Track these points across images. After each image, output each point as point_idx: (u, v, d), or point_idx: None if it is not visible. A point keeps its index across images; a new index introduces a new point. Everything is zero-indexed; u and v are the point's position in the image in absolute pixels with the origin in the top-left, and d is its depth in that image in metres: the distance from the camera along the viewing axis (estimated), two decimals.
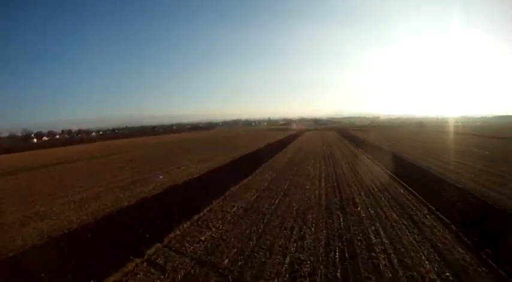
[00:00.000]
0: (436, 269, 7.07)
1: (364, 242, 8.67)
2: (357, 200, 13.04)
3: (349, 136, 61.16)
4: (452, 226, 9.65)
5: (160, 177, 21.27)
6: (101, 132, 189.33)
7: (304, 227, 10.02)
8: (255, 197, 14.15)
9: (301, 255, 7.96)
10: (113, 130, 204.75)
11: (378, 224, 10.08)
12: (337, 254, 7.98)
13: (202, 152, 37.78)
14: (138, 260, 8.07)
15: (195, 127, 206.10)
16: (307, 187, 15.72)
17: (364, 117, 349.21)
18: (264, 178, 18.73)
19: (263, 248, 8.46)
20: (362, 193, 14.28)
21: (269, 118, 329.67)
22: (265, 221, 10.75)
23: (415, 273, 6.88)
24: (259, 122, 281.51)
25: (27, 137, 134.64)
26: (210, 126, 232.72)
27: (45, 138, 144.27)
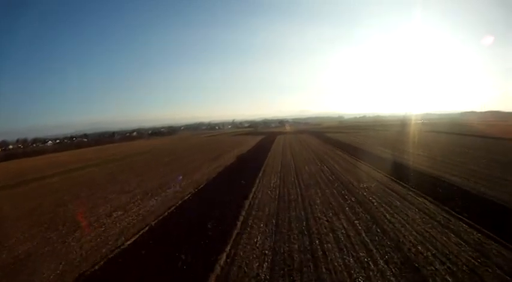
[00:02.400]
0: None
1: None
2: None
3: (334, 142, 52.57)
4: None
5: None
6: (57, 140, 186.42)
7: None
8: None
9: None
10: (71, 138, 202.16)
11: None
12: None
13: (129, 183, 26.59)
14: None
15: (156, 132, 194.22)
16: None
17: (329, 117, 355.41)
18: None
19: None
20: None
21: (233, 120, 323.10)
22: None
23: None
24: (223, 125, 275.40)
25: None
26: (171, 131, 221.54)
27: None
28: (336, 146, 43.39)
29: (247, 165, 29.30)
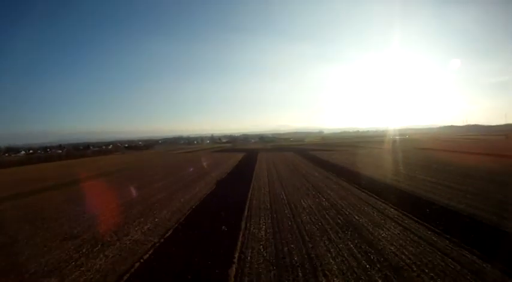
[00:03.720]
0: None
1: None
2: None
3: (325, 164, 48.68)
4: None
5: None
6: (31, 151, 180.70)
7: None
8: None
9: None
10: (46, 148, 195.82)
11: None
12: None
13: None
14: None
15: (133, 146, 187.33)
16: None
17: (309, 133, 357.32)
18: None
19: None
20: None
21: (212, 135, 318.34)
22: None
23: None
24: (201, 139, 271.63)
25: None
26: (148, 144, 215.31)
27: None
28: (330, 170, 39.15)
29: (227, 199, 24.26)
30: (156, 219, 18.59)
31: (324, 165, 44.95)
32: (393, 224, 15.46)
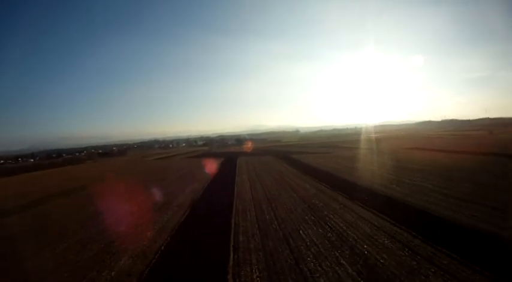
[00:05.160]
0: None
1: None
2: None
3: (312, 171, 44.99)
4: None
5: None
6: (1, 161, 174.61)
7: None
8: None
9: None
10: (16, 158, 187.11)
11: None
12: None
13: None
14: None
15: (106, 153, 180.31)
16: None
17: (285, 132, 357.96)
18: None
19: None
20: None
21: (188, 138, 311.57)
22: None
23: None
24: (177, 142, 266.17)
25: None
26: (122, 150, 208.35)
27: None
28: (321, 180, 35.39)
29: (203, 233, 19.73)
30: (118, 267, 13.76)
31: (312, 173, 41.09)
32: None
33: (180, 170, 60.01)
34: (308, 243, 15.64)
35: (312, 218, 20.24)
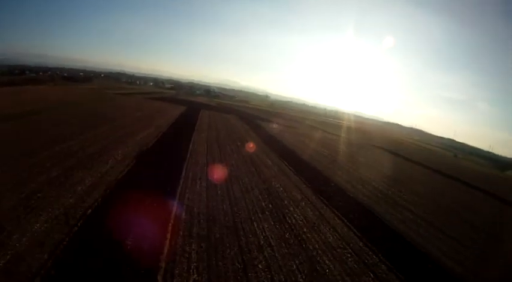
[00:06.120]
0: None
1: None
2: None
3: (281, 150, 42.65)
4: None
5: None
6: None
7: None
8: None
9: None
10: None
11: None
12: None
13: None
14: None
15: (71, 78, 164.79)
16: None
17: (255, 95, 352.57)
18: None
19: None
20: None
21: (156, 78, 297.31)
22: None
23: None
24: (145, 81, 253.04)
25: None
26: (87, 78, 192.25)
27: None
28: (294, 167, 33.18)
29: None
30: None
31: (280, 151, 38.77)
32: None
33: (136, 111, 54.29)
34: (261, 243, 13.28)
35: (274, 212, 17.91)
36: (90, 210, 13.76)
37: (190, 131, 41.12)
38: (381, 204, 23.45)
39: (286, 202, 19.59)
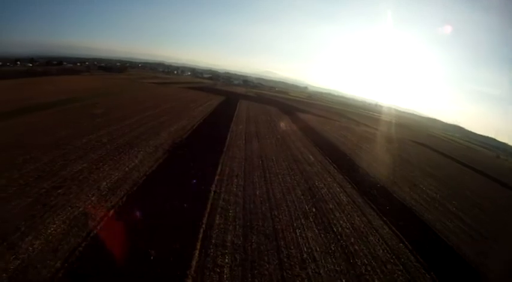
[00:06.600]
0: None
1: None
2: None
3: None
4: None
5: None
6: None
7: None
8: None
9: None
10: (15, 61, 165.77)
11: None
12: None
13: None
14: None
15: (107, 67, 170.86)
16: None
17: (293, 86, 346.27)
18: None
19: None
20: None
21: (194, 68, 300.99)
22: None
23: None
24: (182, 70, 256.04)
25: None
26: (125, 67, 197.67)
27: None
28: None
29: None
30: None
31: (327, 149, 36.00)
32: None
33: (172, 101, 53.32)
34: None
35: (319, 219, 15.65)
36: (112, 211, 12.48)
37: (227, 122, 39.70)
38: (431, 210, 20.99)
39: (331, 205, 17.50)
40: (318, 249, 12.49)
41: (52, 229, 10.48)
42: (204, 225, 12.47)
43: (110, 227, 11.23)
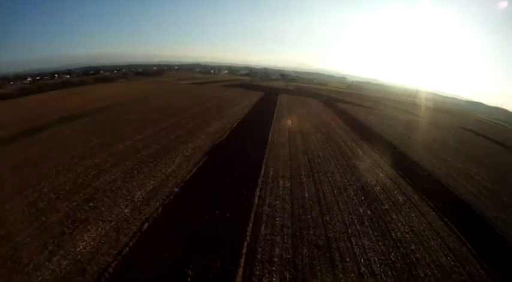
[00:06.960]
0: None
1: None
2: None
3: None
4: None
5: None
6: (38, 77, 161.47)
7: None
8: None
9: None
10: (53, 74, 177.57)
11: None
12: None
13: None
14: None
15: (144, 72, 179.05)
16: None
17: (331, 76, 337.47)
18: None
19: None
20: None
21: (231, 66, 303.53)
22: None
23: None
24: (219, 69, 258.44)
25: None
26: (162, 70, 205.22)
27: None
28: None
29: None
30: None
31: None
32: None
33: (209, 100, 53.19)
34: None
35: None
36: (146, 225, 11.76)
37: (269, 118, 38.42)
38: (491, 207, 18.15)
39: (386, 206, 15.76)
40: (376, 260, 11.01)
41: (81, 247, 10.00)
42: (248, 238, 11.39)
43: (143, 243, 10.67)
